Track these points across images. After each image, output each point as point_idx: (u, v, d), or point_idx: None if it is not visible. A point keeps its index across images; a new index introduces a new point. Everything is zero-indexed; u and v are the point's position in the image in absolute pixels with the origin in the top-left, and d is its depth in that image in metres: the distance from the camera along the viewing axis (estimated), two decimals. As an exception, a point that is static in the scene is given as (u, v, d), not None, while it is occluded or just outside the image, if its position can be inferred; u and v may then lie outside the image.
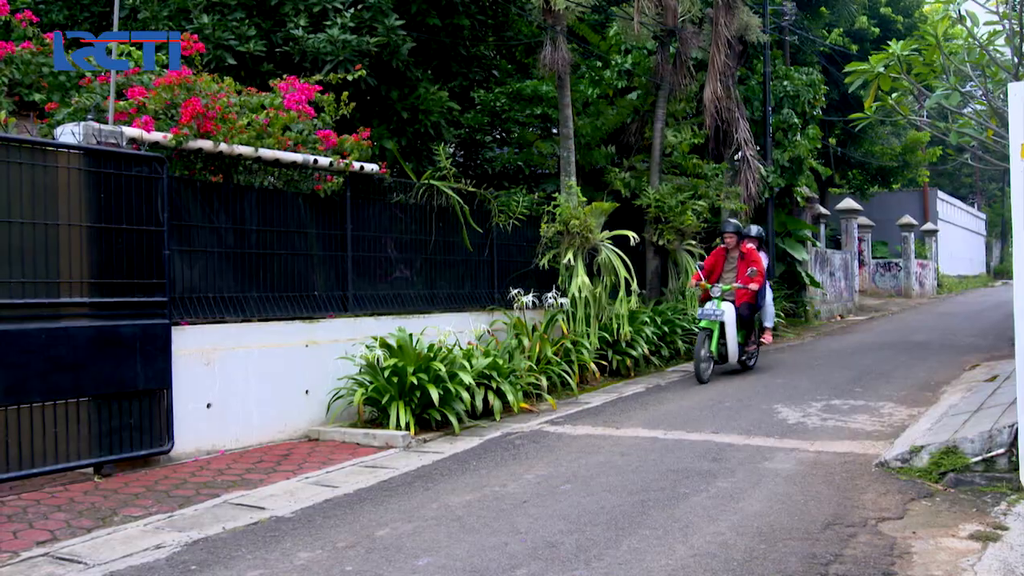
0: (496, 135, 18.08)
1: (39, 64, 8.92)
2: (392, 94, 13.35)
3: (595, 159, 17.01)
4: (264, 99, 9.49)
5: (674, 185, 16.59)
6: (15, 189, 6.93)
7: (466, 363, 9.80)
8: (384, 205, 11.03)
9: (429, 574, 5.05)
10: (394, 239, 11.14)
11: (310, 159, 9.49)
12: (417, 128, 13.63)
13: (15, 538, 5.84)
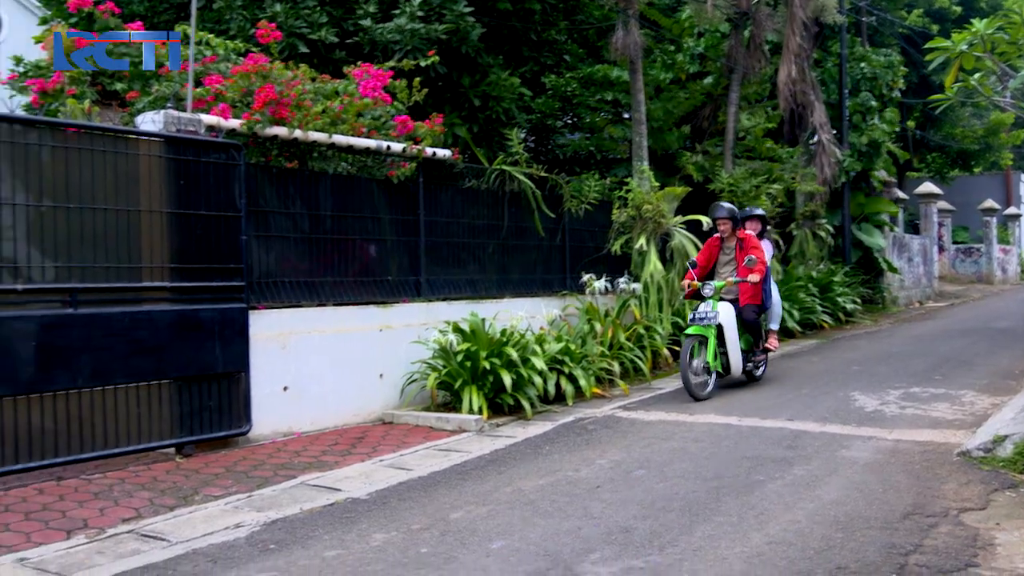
0: (567, 120, 18.03)
1: (121, 54, 9.10)
2: (463, 80, 13.37)
3: (667, 143, 16.88)
4: (338, 86, 9.58)
5: (748, 169, 16.39)
6: (99, 176, 7.09)
7: (538, 348, 9.80)
8: (456, 191, 11.08)
9: (503, 557, 5.07)
10: (466, 224, 11.18)
11: (383, 145, 9.57)
12: (488, 114, 13.64)
13: (102, 515, 6.00)
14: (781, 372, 12.09)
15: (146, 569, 5.03)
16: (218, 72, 9.09)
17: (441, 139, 10.42)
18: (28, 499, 6.34)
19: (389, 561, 5.05)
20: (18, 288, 6.62)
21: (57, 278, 6.87)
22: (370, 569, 4.92)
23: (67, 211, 6.91)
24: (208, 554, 5.29)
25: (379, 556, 5.16)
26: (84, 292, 6.97)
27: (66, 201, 6.90)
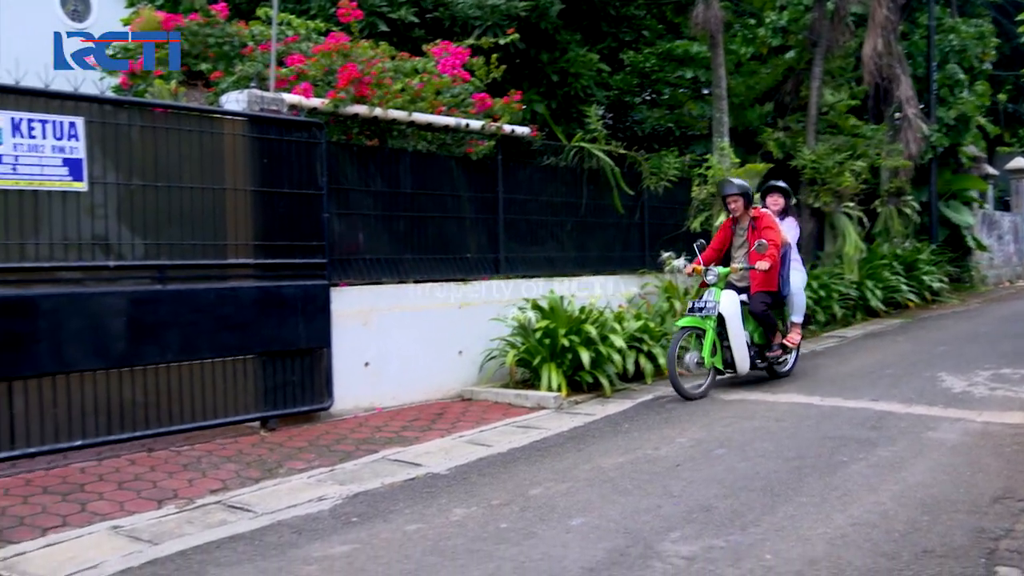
0: (646, 97, 17.86)
1: (205, 35, 9.26)
2: (542, 57, 13.32)
3: (748, 120, 16.62)
4: (417, 64, 9.62)
5: (831, 145, 16.07)
6: (185, 155, 7.24)
7: (617, 326, 9.77)
8: (535, 168, 11.08)
9: (583, 534, 5.08)
10: (544, 202, 11.17)
11: (462, 123, 9.59)
12: (567, 91, 13.58)
13: (190, 486, 6.16)
14: (864, 352, 11.87)
15: (233, 539, 5.15)
16: (300, 52, 9.19)
17: (519, 116, 10.41)
18: (121, 469, 6.53)
19: (469, 536, 5.10)
20: (110, 265, 6.80)
21: (146, 255, 7.04)
22: (450, 544, 4.97)
23: (155, 190, 7.07)
24: (292, 525, 5.39)
25: (459, 531, 5.20)
26: (172, 269, 7.13)
27: (154, 180, 7.06)
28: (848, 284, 15.19)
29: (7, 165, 6.22)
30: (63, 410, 6.53)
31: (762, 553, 4.67)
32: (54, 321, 6.43)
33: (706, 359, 9.09)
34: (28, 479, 6.26)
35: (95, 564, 4.75)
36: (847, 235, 15.55)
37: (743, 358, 9.32)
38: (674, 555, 4.67)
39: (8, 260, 6.28)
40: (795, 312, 10.16)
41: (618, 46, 16.17)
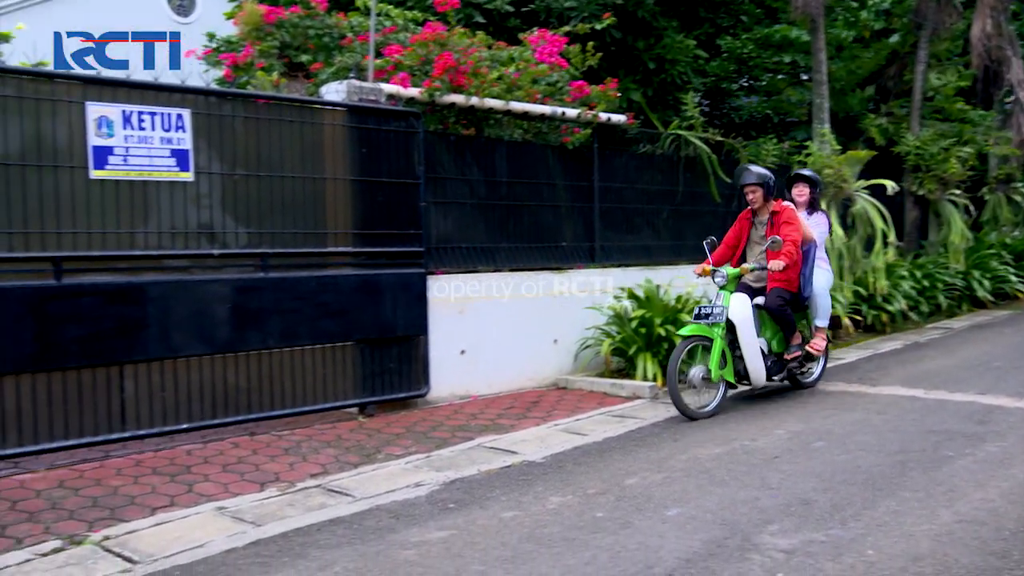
0: (743, 83, 17.61)
1: (305, 27, 9.41)
2: (638, 44, 13.23)
3: (849, 105, 16.26)
4: (513, 52, 9.64)
5: (936, 131, 15.63)
6: (287, 145, 7.38)
7: (714, 315, 9.66)
8: (630, 156, 11.01)
9: (679, 524, 5.05)
10: (640, 190, 11.10)
11: (558, 111, 9.59)
12: (663, 78, 13.47)
13: (291, 470, 6.29)
14: (971, 344, 11.53)
15: (333, 522, 5.24)
16: (397, 42, 9.29)
17: (615, 104, 10.35)
18: (225, 452, 6.70)
19: (565, 524, 5.11)
20: (215, 253, 6.97)
21: (249, 243, 7.20)
22: (546, 531, 4.99)
23: (258, 179, 7.22)
24: (390, 510, 5.47)
25: (555, 519, 5.22)
26: (274, 257, 7.28)
27: (257, 170, 7.21)
28: (953, 274, 14.78)
29: (119, 156, 6.42)
30: (170, 394, 6.73)
31: (863, 548, 4.58)
32: (162, 307, 6.63)
33: (713, 372, 7.87)
34: (138, 460, 6.47)
35: (201, 543, 4.89)
36: (952, 223, 15.14)
37: (757, 369, 8.13)
38: (772, 548, 4.61)
39: (119, 248, 6.49)
40: (819, 315, 8.93)
41: (715, 32, 15.97)
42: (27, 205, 6.08)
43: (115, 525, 5.18)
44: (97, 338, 6.32)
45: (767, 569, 4.33)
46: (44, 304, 6.10)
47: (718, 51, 16.00)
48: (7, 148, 6.00)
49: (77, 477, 6.05)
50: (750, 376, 8.16)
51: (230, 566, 4.57)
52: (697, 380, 7.85)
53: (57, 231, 6.20)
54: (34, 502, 5.53)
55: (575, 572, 4.37)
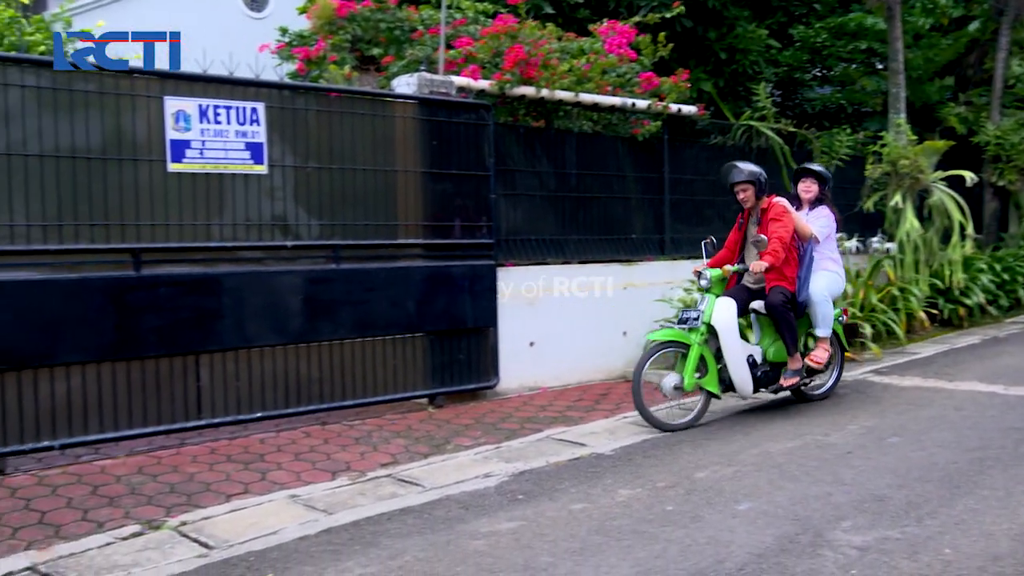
0: (816, 73, 17.34)
1: (377, 20, 9.49)
2: (709, 34, 13.10)
3: (926, 95, 15.92)
4: (583, 44, 9.62)
5: (1017, 120, 15.23)
6: (358, 138, 7.45)
7: (786, 308, 9.53)
8: (701, 147, 10.92)
9: (750, 519, 5.00)
10: (711, 182, 10.99)
11: (628, 102, 9.54)
12: (735, 68, 13.32)
13: (362, 459, 6.36)
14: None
15: (403, 512, 5.29)
16: (467, 34, 9.32)
17: (686, 95, 10.27)
18: (297, 441, 6.80)
19: (634, 517, 5.09)
20: (288, 245, 7.07)
21: (321, 235, 7.29)
22: (616, 524, 4.98)
23: (330, 172, 7.31)
24: (460, 501, 5.50)
25: (624, 511, 5.21)
26: (345, 249, 7.36)
27: (329, 163, 7.29)
28: (1034, 266, 14.42)
29: (195, 150, 6.55)
30: (244, 383, 6.86)
31: (940, 547, 4.50)
32: (236, 298, 6.75)
33: (687, 381, 7.17)
34: (213, 448, 6.60)
35: (275, 530, 4.97)
36: (1034, 216, 14.75)
37: (743, 378, 7.38)
38: (846, 544, 4.55)
39: (196, 240, 6.62)
40: (819, 324, 7.84)
41: (787, 21, 15.75)
42: (108, 198, 6.23)
43: (191, 511, 5.29)
44: (174, 328, 6.46)
45: (840, 566, 4.27)
46: (123, 294, 6.25)
47: (790, 40, 15.77)
48: (89, 142, 6.15)
49: (155, 463, 6.19)
50: (735, 386, 7.45)
51: (303, 553, 4.64)
52: (668, 390, 7.17)
53: (136, 223, 6.35)
54: (114, 487, 5.67)
55: (644, 565, 4.36)
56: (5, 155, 5.83)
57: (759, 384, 7.56)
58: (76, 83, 6.10)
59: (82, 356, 6.10)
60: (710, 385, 7.34)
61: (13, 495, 5.48)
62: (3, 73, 5.82)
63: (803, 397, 8.11)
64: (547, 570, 4.33)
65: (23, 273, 5.90)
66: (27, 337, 5.88)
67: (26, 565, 4.50)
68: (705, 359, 7.29)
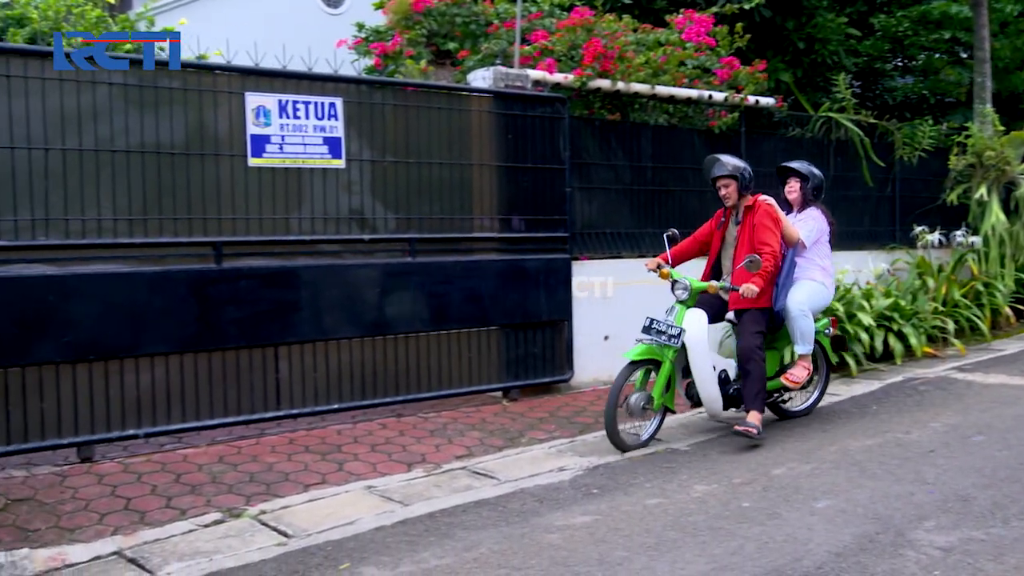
0: (897, 63, 16.97)
1: (453, 15, 9.54)
2: (787, 24, 12.90)
3: (1013, 84, 15.49)
4: (660, 35, 9.55)
5: (1109, 110, 14.75)
6: (434, 132, 7.49)
7: (865, 303, 9.40)
8: (778, 139, 10.77)
9: (828, 517, 4.93)
10: (789, 174, 10.85)
11: (704, 94, 9.45)
12: (814, 58, 13.10)
13: (437, 451, 6.41)
14: None
15: (478, 504, 5.32)
16: (543, 28, 9.32)
17: (763, 86, 10.14)
18: (373, 433, 6.88)
19: (710, 513, 5.06)
20: (365, 238, 7.15)
21: (398, 229, 7.35)
22: (691, 520, 4.95)
23: (406, 166, 7.36)
24: (534, 494, 5.52)
25: (700, 507, 5.17)
26: (421, 242, 7.41)
27: (405, 156, 7.34)
28: None
29: (275, 145, 6.65)
30: (322, 375, 6.95)
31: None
32: (314, 291, 6.84)
33: (656, 400, 6.55)
34: (291, 438, 6.70)
35: (351, 521, 5.04)
36: None
37: (711, 396, 6.71)
38: (928, 545, 4.46)
39: (275, 233, 6.72)
40: (798, 340, 6.97)
41: (868, 10, 15.43)
42: (190, 192, 6.36)
43: (270, 500, 5.38)
44: (254, 320, 6.58)
45: (923, 566, 4.19)
46: (205, 287, 6.38)
47: (871, 30, 15.45)
48: (172, 138, 6.29)
49: (235, 453, 6.31)
50: (704, 405, 6.82)
51: (379, 543, 4.69)
52: (636, 409, 6.48)
53: (218, 217, 6.47)
54: (196, 475, 5.79)
55: (720, 562, 4.33)
56: (93, 151, 5.98)
57: (732, 402, 6.88)
58: (161, 80, 6.24)
59: (165, 347, 6.25)
60: (669, 402, 6.68)
61: (100, 482, 5.63)
62: (93, 71, 5.97)
63: (782, 413, 7.37)
64: (622, 565, 4.33)
65: (110, 266, 6.05)
66: (114, 328, 6.03)
67: (113, 550, 4.63)
68: (671, 375, 6.65)
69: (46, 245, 5.84)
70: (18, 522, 4.97)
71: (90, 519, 5.05)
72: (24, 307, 5.71)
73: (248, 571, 4.36)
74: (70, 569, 4.41)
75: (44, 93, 5.80)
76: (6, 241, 5.70)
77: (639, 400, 6.47)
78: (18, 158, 5.72)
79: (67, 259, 5.91)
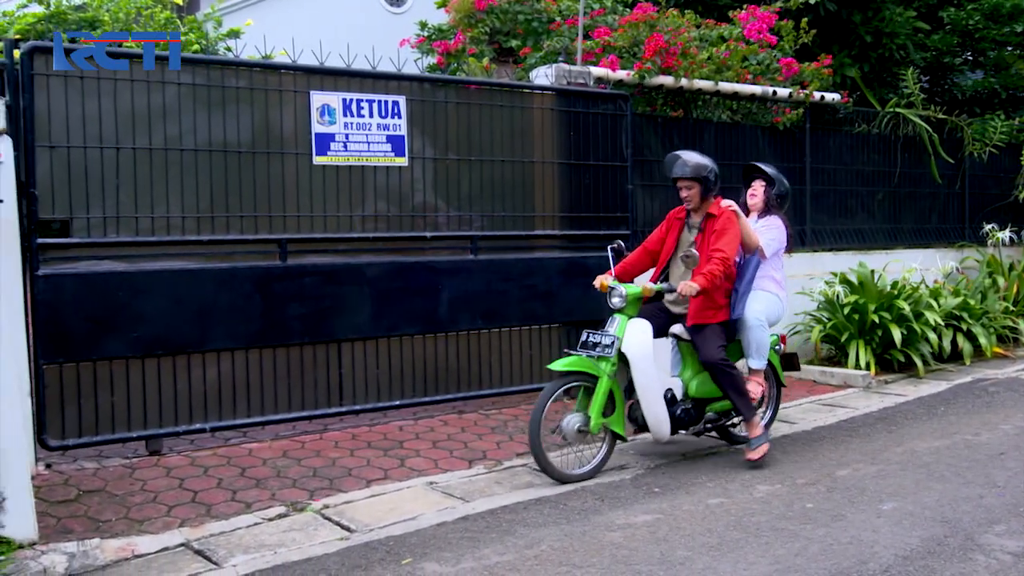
0: (967, 57, 16.62)
1: (515, 12, 9.55)
2: (854, 17, 12.70)
3: (1088, 78, 15.09)
4: (723, 31, 9.47)
5: None
6: (496, 130, 7.51)
7: (932, 302, 9.22)
8: (844, 136, 10.62)
9: (895, 520, 4.86)
10: (854, 171, 10.70)
11: (768, 91, 9.35)
12: (881, 53, 12.88)
13: (498, 448, 6.43)
14: None
15: (539, 501, 5.33)
16: (605, 24, 9.28)
17: (828, 82, 10.01)
18: (434, 429, 6.91)
19: (773, 514, 5.01)
20: (427, 236, 7.18)
21: (460, 226, 7.38)
22: (754, 520, 4.91)
23: (468, 163, 7.39)
24: (595, 492, 5.51)
25: (763, 508, 5.13)
26: (483, 240, 7.43)
27: (467, 154, 7.37)
28: None
29: (339, 143, 6.72)
30: (384, 371, 7.01)
31: (1102, 555, 4.29)
32: (377, 288, 6.90)
33: (593, 421, 5.74)
34: (354, 433, 6.77)
35: (413, 516, 5.08)
36: None
37: (658, 417, 5.96)
38: (999, 549, 4.38)
39: (339, 231, 6.79)
40: (752, 355, 6.41)
41: (937, 3, 15.11)
42: (256, 190, 6.44)
43: (333, 495, 5.44)
44: (317, 316, 6.65)
45: (993, 571, 4.12)
46: (270, 284, 6.46)
47: (940, 23, 15.14)
48: (239, 137, 6.38)
49: (299, 448, 6.39)
50: (649, 427, 6.03)
51: (440, 539, 4.72)
52: (570, 432, 5.75)
53: (283, 215, 6.55)
54: (261, 470, 5.88)
55: (784, 563, 4.28)
56: (163, 150, 6.09)
57: (679, 424, 6.12)
58: (228, 80, 6.34)
59: (231, 342, 6.34)
60: (616, 425, 5.89)
61: (168, 474, 5.74)
62: (161, 71, 6.08)
63: (731, 438, 6.58)
64: (684, 564, 4.31)
65: (178, 263, 6.16)
66: (181, 324, 6.14)
67: (180, 541, 4.71)
68: (613, 394, 5.91)
69: (117, 242, 5.96)
70: (89, 512, 5.09)
71: (158, 511, 5.14)
72: (95, 303, 5.84)
73: (312, 565, 4.41)
74: (139, 560, 4.50)
75: (116, 93, 5.92)
76: (79, 238, 5.83)
77: (573, 423, 5.75)
78: (91, 157, 5.84)
79: (137, 256, 6.03)
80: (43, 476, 5.61)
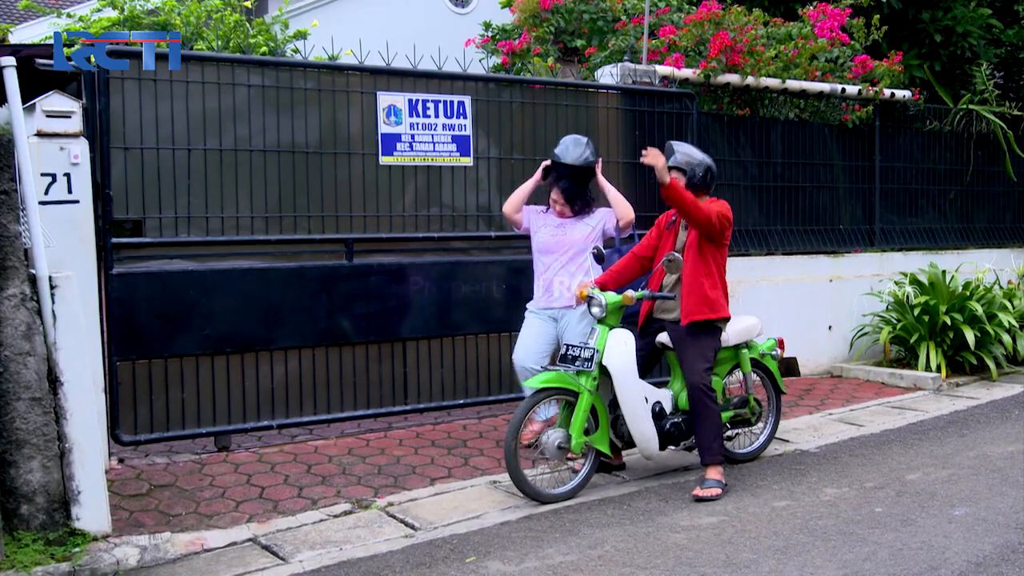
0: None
1: (580, 12, 9.53)
2: (923, 15, 12.47)
3: None
4: (791, 28, 9.36)
5: None
6: (562, 129, 7.46)
7: (1007, 303, 9.01)
8: (914, 134, 10.43)
9: (967, 525, 4.77)
10: (925, 170, 10.51)
11: (837, 88, 9.22)
12: (952, 50, 12.62)
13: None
14: None
15: (603, 502, 5.34)
16: (670, 23, 9.23)
17: (900, 79, 9.84)
18: (498, 428, 6.92)
19: (841, 518, 4.94)
20: (491, 235, 7.21)
21: (524, 226, 7.38)
22: (821, 524, 4.85)
23: (533, 163, 7.31)
24: (659, 493, 5.49)
25: (830, 511, 5.06)
26: (545, 239, 7.42)
27: (532, 154, 7.34)
28: None
29: (404, 143, 6.77)
30: (448, 370, 7.05)
31: None
32: (442, 287, 6.94)
33: (574, 439, 5.35)
34: (418, 432, 6.82)
35: (477, 515, 5.10)
36: None
37: (644, 434, 5.55)
38: (1075, 557, 4.28)
39: (404, 230, 6.84)
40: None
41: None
42: (323, 190, 6.52)
43: (398, 492, 5.49)
44: (382, 315, 6.71)
45: (1068, 580, 4.02)
46: (336, 283, 6.54)
47: (1015, 17, 14.80)
48: (307, 137, 6.46)
49: (364, 445, 6.45)
50: (636, 444, 5.60)
51: (504, 538, 4.74)
52: (550, 449, 5.37)
53: (349, 214, 6.62)
54: (326, 467, 5.95)
55: (852, 567, 4.23)
56: (232, 151, 6.19)
57: (668, 440, 5.70)
58: (296, 81, 6.42)
59: (298, 341, 6.43)
60: (599, 443, 5.51)
61: (236, 471, 5.83)
62: (231, 73, 6.18)
63: (732, 457, 6.08)
64: (749, 567, 4.27)
65: (247, 262, 6.26)
66: (250, 322, 6.24)
67: (248, 537, 4.79)
68: (596, 409, 5.51)
69: (188, 242, 6.08)
70: (160, 507, 5.19)
71: (227, 506, 5.23)
72: (167, 301, 5.96)
73: (377, 562, 4.45)
74: (208, 554, 4.59)
75: (188, 96, 6.03)
76: (151, 238, 5.95)
77: (554, 439, 5.37)
78: (163, 158, 5.96)
79: (207, 255, 6.14)
80: (116, 470, 5.74)
